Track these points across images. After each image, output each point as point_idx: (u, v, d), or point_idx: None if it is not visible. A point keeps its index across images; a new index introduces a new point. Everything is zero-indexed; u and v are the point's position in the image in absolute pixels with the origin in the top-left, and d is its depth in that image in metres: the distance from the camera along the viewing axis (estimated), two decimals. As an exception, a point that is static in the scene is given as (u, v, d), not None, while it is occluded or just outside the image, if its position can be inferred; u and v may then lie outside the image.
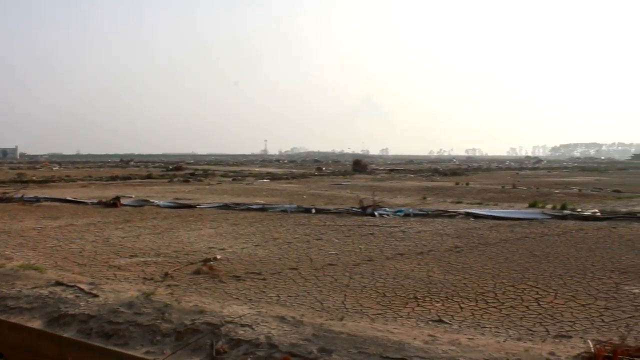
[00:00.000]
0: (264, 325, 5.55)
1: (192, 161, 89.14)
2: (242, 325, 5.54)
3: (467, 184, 29.37)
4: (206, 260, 8.65)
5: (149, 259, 9.09)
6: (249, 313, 5.91)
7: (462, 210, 15.30)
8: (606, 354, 4.27)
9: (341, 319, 5.76)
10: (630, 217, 14.35)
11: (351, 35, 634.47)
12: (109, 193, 20.94)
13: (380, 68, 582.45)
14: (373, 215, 14.68)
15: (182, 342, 5.42)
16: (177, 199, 19.57)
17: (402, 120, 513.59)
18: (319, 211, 15.80)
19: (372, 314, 6.03)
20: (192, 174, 38.43)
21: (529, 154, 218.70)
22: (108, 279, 7.65)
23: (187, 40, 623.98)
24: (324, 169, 52.45)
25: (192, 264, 8.64)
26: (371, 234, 11.76)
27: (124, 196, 19.52)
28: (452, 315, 6.01)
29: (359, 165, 48.87)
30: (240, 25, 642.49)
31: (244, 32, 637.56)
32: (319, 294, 6.88)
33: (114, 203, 17.33)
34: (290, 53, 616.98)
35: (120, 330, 5.81)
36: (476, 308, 6.31)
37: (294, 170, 48.63)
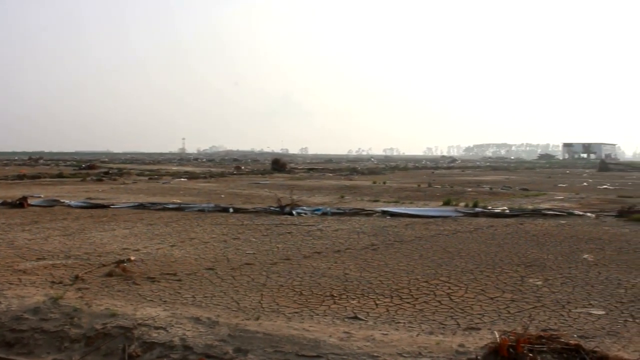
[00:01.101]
0: (179, 327, 5.45)
1: (106, 159, 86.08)
2: (156, 328, 5.42)
3: (385, 182, 29.92)
4: (119, 262, 8.37)
5: (58, 262, 8.71)
6: (163, 315, 5.79)
7: (378, 209, 15.58)
8: (510, 343, 4.46)
9: (257, 319, 5.74)
10: (536, 213, 15.09)
11: (271, 34, 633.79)
12: (15, 193, 19.89)
13: (301, 67, 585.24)
14: (291, 214, 14.70)
15: (93, 348, 5.24)
16: (89, 198, 18.85)
17: (322, 119, 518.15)
18: (237, 210, 15.66)
19: (289, 313, 6.04)
20: (107, 173, 37.14)
21: (445, 153, 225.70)
22: (12, 284, 7.26)
23: (108, 33, 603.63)
24: (243, 167, 52.01)
25: (104, 265, 8.35)
26: (289, 232, 11.78)
27: (32, 196, 18.61)
28: (367, 312, 6.11)
29: (278, 164, 48.80)
30: (160, 19, 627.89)
31: (165, 24, 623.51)
32: (235, 294, 6.82)
33: (21, 203, 16.45)
34: (213, 50, 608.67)
35: (24, 338, 5.53)
36: (391, 304, 6.44)
37: (212, 169, 47.93)
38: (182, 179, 32.47)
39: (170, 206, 16.40)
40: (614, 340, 5.22)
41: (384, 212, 15.00)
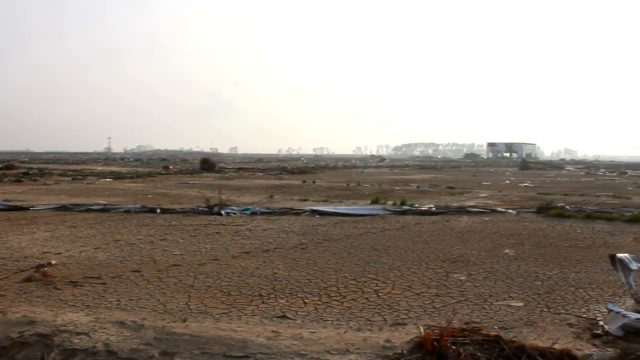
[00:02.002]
0: (102, 332, 5.29)
1: (26, 159, 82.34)
2: (78, 334, 5.25)
3: (314, 182, 30.06)
4: (39, 266, 8.05)
5: (-28, 268, 8.29)
6: (85, 320, 5.61)
7: (308, 208, 15.65)
8: (434, 337, 4.57)
9: (184, 321, 5.65)
10: (461, 211, 15.56)
11: (203, 31, 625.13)
12: None
13: (231, 65, 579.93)
14: (220, 214, 14.56)
15: (7, 358, 5.01)
16: (7, 200, 18.01)
17: (252, 118, 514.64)
18: (164, 211, 15.36)
19: (217, 314, 5.98)
20: (26, 173, 35.60)
21: (374, 152, 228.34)
22: None
23: (40, 31, 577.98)
24: (171, 167, 51.06)
25: (22, 271, 8.01)
26: (217, 233, 11.66)
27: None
28: (296, 311, 6.13)
29: (207, 163, 48.14)
30: (89, 15, 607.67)
31: (95, 21, 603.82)
32: (162, 296, 6.69)
33: None
34: (145, 47, 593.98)
35: None
36: (319, 302, 6.49)
37: (139, 169, 46.79)
38: (108, 179, 31.55)
39: (95, 207, 15.91)
40: (530, 329, 5.46)
41: (313, 211, 15.09)
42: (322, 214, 14.82)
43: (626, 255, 5.89)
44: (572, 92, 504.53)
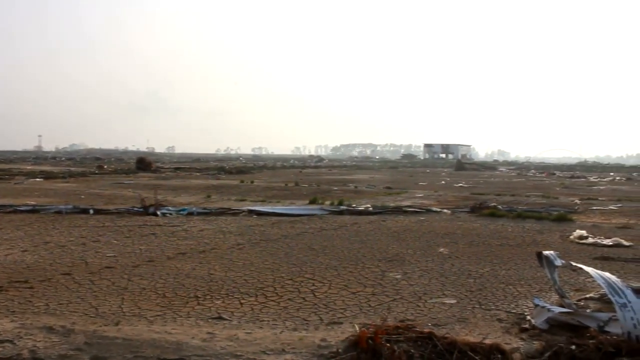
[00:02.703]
0: (29, 339, 5.09)
1: (-53, 159, 78.56)
2: (2, 342, 5.02)
3: (252, 182, 29.92)
4: (-39, 270, 7.68)
5: None
6: (10, 327, 5.39)
7: (245, 208, 15.56)
8: (369, 335, 4.63)
9: (117, 324, 5.51)
10: (397, 211, 15.82)
11: (139, 27, 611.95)
12: None
13: (169, 63, 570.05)
14: (155, 214, 14.28)
15: None
16: None
17: (190, 117, 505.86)
18: (97, 211, 14.94)
19: (151, 316, 5.86)
20: (-52, 174, 33.97)
21: (313, 153, 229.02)
22: None
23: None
24: (105, 167, 49.76)
25: (-57, 275, 7.62)
26: (153, 233, 11.42)
27: None
28: (232, 312, 6.08)
29: (143, 163, 47.13)
30: (22, 9, 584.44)
31: (29, 15, 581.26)
32: (94, 299, 6.50)
33: None
34: (78, 44, 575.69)
35: None
36: (256, 303, 6.45)
37: (72, 169, 45.34)
38: (38, 179, 30.44)
39: (23, 208, 15.31)
40: (463, 326, 5.61)
41: (251, 211, 15.01)
42: (260, 214, 14.76)
43: (552, 252, 6.12)
44: (506, 96, 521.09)
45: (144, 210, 14.64)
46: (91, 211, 14.92)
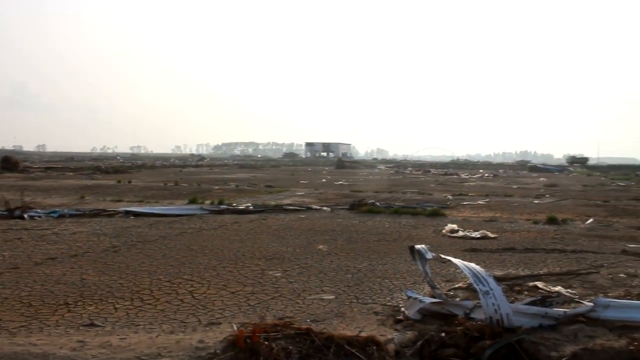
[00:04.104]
0: None
1: None
2: None
3: (130, 181, 28.85)
4: None
5: None
6: None
7: (122, 209, 14.99)
8: (247, 334, 4.61)
9: (-28, 338, 5.10)
10: (278, 209, 15.90)
11: (3, 18, 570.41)
12: None
13: (39, 55, 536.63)
14: (22, 217, 13.38)
15: None
16: None
17: (63, 114, 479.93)
18: (-46, 216, 13.77)
19: (13, 328, 5.46)
20: None
21: (194, 151, 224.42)
22: None
23: None
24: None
25: None
26: (18, 238, 10.68)
27: None
28: (105, 317, 5.82)
29: (9, 162, 43.92)
30: None
31: None
32: (-53, 312, 5.98)
33: None
34: None
35: None
36: (131, 307, 6.23)
37: None
38: None
39: None
40: (340, 320, 5.74)
41: (128, 212, 14.49)
42: (137, 214, 14.28)
43: (423, 246, 6.40)
44: (385, 96, 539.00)
45: (8, 214, 13.67)
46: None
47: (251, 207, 15.85)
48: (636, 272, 8.21)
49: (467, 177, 43.45)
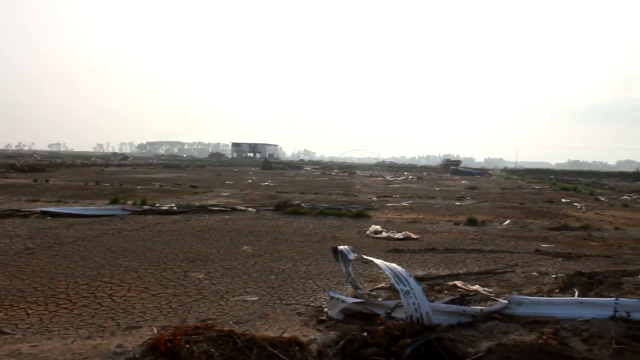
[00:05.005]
0: None
1: None
2: None
3: (47, 180, 27.72)
4: None
5: None
6: None
7: (38, 209, 14.37)
8: (167, 337, 4.51)
9: None
10: (202, 210, 15.68)
11: None
12: None
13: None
14: None
15: None
16: None
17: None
18: None
19: None
20: None
21: (117, 150, 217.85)
22: None
23: None
24: None
25: None
26: None
27: None
28: (16, 324, 5.54)
29: None
30: None
31: None
32: None
33: None
34: None
35: None
36: (45, 312, 5.97)
37: None
38: None
39: None
40: (264, 321, 5.73)
41: (44, 213, 13.90)
42: (54, 215, 13.72)
43: (345, 247, 6.47)
44: (312, 98, 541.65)
45: None
46: None
47: (175, 208, 15.55)
48: (547, 270, 8.63)
49: (392, 179, 44.31)
